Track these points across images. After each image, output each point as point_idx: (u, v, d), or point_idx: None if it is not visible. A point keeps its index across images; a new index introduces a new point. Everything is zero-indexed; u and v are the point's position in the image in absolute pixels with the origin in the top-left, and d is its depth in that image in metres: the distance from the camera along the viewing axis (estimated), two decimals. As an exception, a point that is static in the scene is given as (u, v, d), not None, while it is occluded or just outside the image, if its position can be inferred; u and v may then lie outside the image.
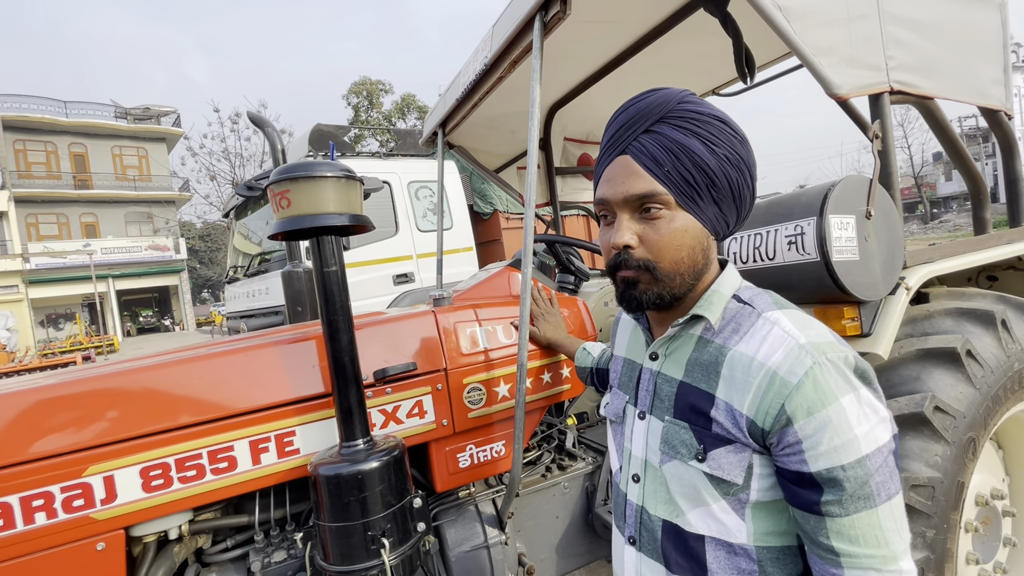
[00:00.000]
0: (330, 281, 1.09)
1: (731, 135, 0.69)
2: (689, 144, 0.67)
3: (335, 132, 5.40)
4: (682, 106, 0.68)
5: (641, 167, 0.68)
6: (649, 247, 0.69)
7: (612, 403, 0.89)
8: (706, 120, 0.68)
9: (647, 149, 0.68)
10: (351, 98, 24.21)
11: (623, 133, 0.70)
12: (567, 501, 1.73)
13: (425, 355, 1.36)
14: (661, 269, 0.69)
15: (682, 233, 0.69)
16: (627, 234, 0.69)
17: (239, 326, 5.52)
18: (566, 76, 2.40)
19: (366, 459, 1.08)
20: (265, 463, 1.17)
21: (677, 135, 0.67)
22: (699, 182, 0.67)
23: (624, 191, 0.69)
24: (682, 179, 0.67)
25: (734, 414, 0.65)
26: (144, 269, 25.19)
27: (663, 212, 0.68)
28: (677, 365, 0.75)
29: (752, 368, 0.65)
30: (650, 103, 0.69)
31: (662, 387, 0.76)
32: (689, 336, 0.74)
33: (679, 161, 0.67)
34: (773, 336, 0.65)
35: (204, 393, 1.14)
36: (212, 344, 1.39)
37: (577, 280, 1.92)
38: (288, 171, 1.03)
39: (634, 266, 0.70)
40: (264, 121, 1.85)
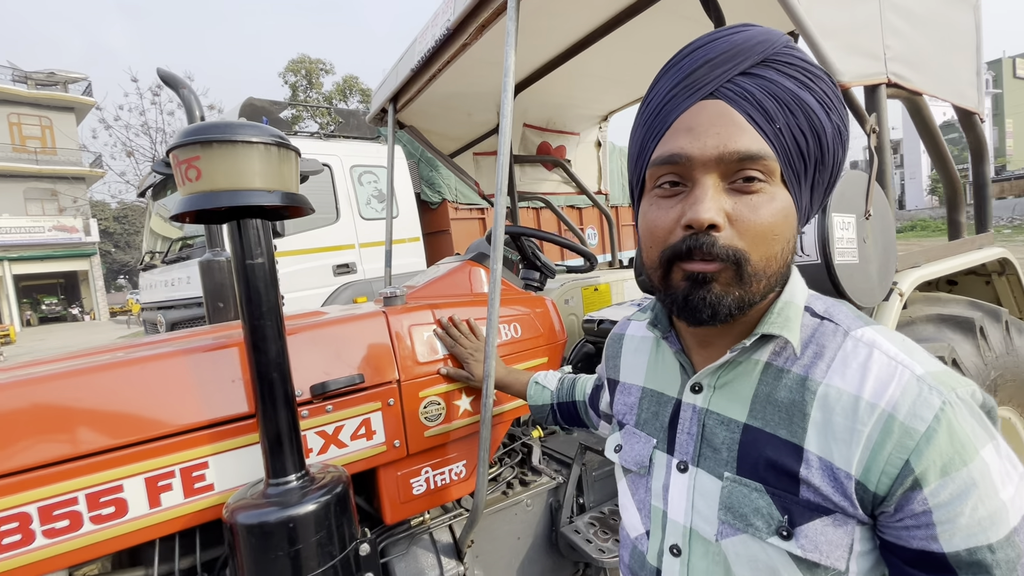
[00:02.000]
0: (254, 277, 0.86)
1: (842, 103, 0.52)
2: (806, 99, 0.49)
3: (269, 107, 4.95)
4: (789, 51, 0.51)
5: (745, 118, 0.49)
6: (742, 231, 0.50)
7: (629, 447, 0.69)
8: (818, 75, 0.51)
9: (753, 95, 0.49)
10: (288, 76, 22.83)
11: (709, 71, 0.50)
12: (530, 520, 1.57)
13: (374, 365, 1.15)
14: (752, 265, 0.50)
15: (783, 218, 0.51)
16: (713, 206, 0.49)
17: (156, 318, 4.98)
18: (528, 57, 2.22)
19: (300, 501, 0.86)
20: (167, 505, 0.92)
21: (791, 84, 0.49)
22: (811, 151, 0.51)
23: (721, 146, 0.49)
24: (794, 144, 0.50)
25: (835, 474, 0.49)
26: (48, 252, 22.72)
27: (764, 186, 0.50)
28: (735, 401, 0.57)
29: (859, 411, 0.48)
30: (748, 39, 0.50)
31: (715, 431, 0.58)
32: (752, 362, 0.57)
33: (795, 118, 0.49)
34: (877, 365, 0.49)
35: (81, 418, 0.87)
36: (98, 350, 1.11)
37: (543, 277, 1.76)
38: (198, 132, 0.79)
39: (720, 256, 0.50)
40: (178, 80, 1.54)
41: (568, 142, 2.97)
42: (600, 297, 2.59)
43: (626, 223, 8.85)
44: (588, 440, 1.80)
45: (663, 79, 0.54)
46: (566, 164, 2.96)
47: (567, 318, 2.46)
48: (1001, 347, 1.41)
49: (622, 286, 2.71)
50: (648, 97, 0.56)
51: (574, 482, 1.61)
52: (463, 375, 1.23)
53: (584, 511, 1.66)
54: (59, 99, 23.80)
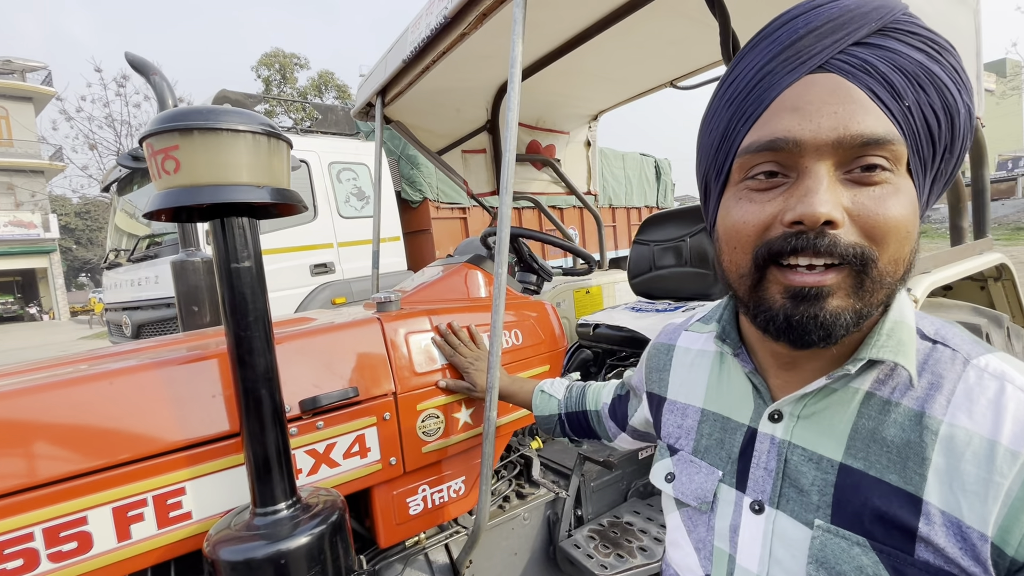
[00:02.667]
0: (240, 282, 0.76)
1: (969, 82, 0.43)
2: (940, 75, 0.41)
3: (244, 100, 4.77)
4: (909, 19, 0.43)
5: (867, 94, 0.41)
6: (867, 229, 0.42)
7: (687, 478, 0.60)
8: (945, 47, 0.42)
9: (876, 68, 0.41)
10: (261, 70, 22.25)
11: (816, 41, 0.42)
12: (527, 534, 1.50)
13: (369, 376, 1.06)
14: (878, 269, 0.42)
15: (911, 213, 0.43)
16: (831, 199, 0.41)
17: (121, 319, 4.74)
18: (521, 52, 2.15)
19: (292, 532, 0.77)
20: (137, 537, 0.82)
21: (920, 57, 0.41)
22: (942, 135, 0.42)
23: (840, 127, 0.41)
24: (925, 125, 0.42)
25: (965, 533, 0.41)
26: (3, 248, 21.66)
27: (888, 176, 0.42)
28: (827, 435, 0.48)
29: (997, 459, 0.40)
30: (860, 3, 0.42)
31: (801, 468, 0.49)
32: (850, 391, 0.48)
33: (926, 95, 0.41)
34: (1015, 402, 0.42)
35: (37, 443, 0.77)
36: (59, 362, 0.99)
37: (539, 280, 1.69)
38: (177, 118, 0.69)
39: (843, 256, 0.42)
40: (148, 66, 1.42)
41: (558, 141, 2.91)
42: (592, 300, 2.54)
43: (607, 224, 8.87)
44: (586, 450, 1.74)
45: (752, 52, 0.46)
46: (556, 163, 2.90)
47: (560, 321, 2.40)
48: (1004, 353, 1.40)
49: (613, 288, 2.66)
50: (732, 75, 0.48)
51: (573, 494, 1.55)
52: (463, 386, 1.15)
53: (583, 524, 1.60)
54: (16, 88, 22.68)
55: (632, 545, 1.46)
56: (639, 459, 1.74)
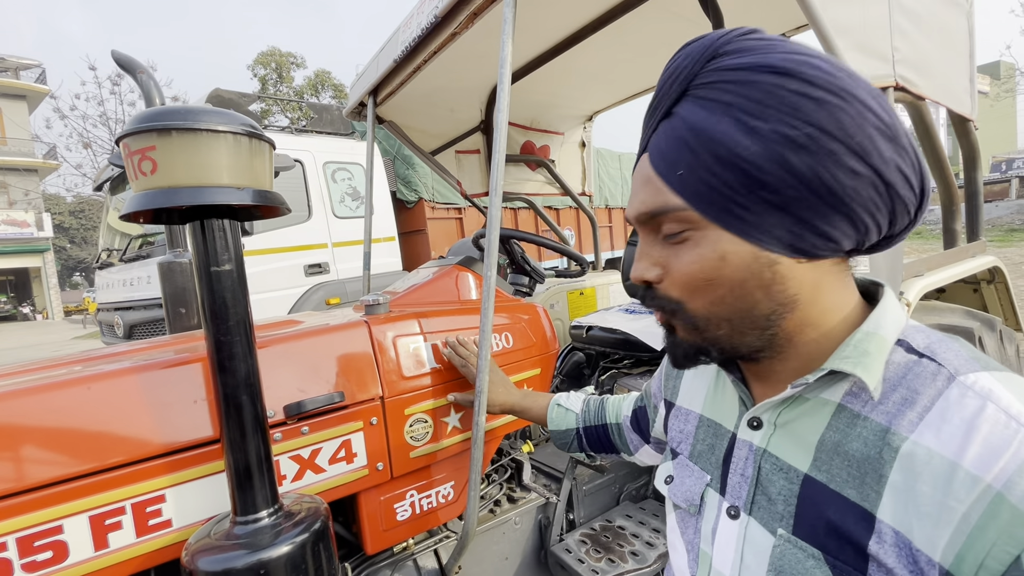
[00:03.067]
0: (221, 286, 0.75)
1: (797, 95, 0.40)
2: (711, 129, 0.42)
3: (238, 100, 4.73)
4: (715, 64, 0.43)
5: (654, 170, 0.47)
6: (672, 281, 0.49)
7: (680, 481, 0.62)
8: (750, 81, 0.41)
9: (659, 146, 0.47)
10: (257, 69, 22.16)
11: (646, 121, 0.50)
12: (518, 538, 1.49)
13: (356, 380, 1.04)
14: (692, 312, 0.49)
15: (715, 262, 0.46)
16: (644, 264, 0.51)
17: (113, 319, 4.70)
18: (514, 53, 2.13)
19: (273, 541, 0.75)
20: (116, 546, 0.80)
21: (696, 117, 0.43)
22: (732, 184, 0.43)
23: (633, 207, 0.51)
24: (703, 184, 0.44)
25: (914, 556, 0.39)
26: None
27: (690, 234, 0.47)
28: (798, 446, 0.49)
29: (955, 482, 0.38)
30: (677, 64, 0.46)
31: (771, 477, 0.50)
32: (820, 402, 0.48)
33: (697, 158, 0.44)
34: (990, 424, 0.38)
35: (11, 449, 0.75)
36: (37, 366, 0.97)
37: (532, 282, 1.68)
38: (154, 118, 0.67)
39: (658, 307, 0.51)
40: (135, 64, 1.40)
41: (552, 142, 2.89)
42: (586, 301, 2.53)
43: (602, 224, 8.86)
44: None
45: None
46: (550, 164, 2.89)
47: (553, 323, 2.38)
48: (997, 357, 1.39)
49: (608, 290, 2.65)
50: None
51: (564, 498, 1.54)
52: (468, 401, 1.14)
53: (574, 528, 1.59)
54: (9, 86, 22.52)
55: (624, 550, 1.45)
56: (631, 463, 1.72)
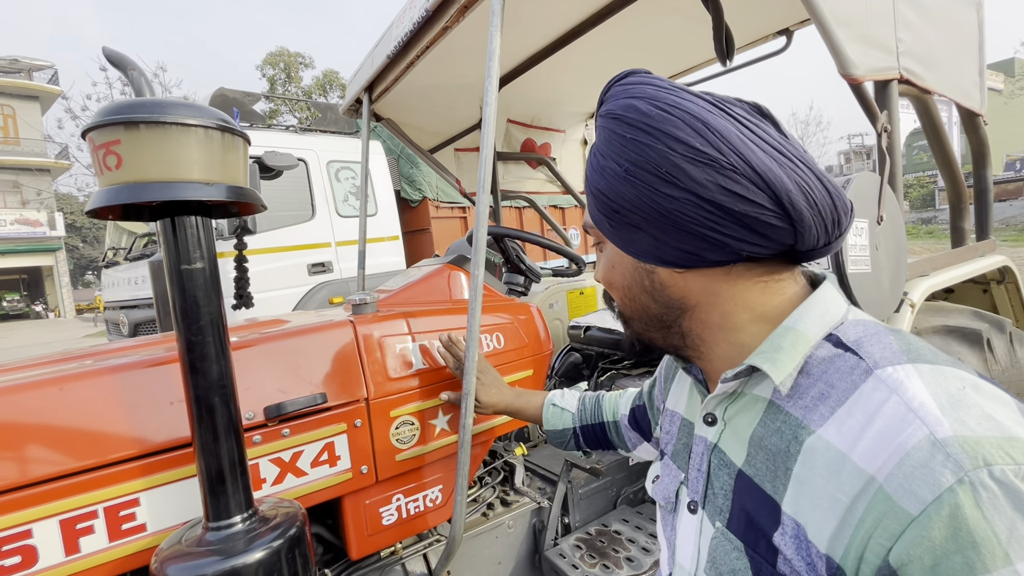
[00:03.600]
0: (192, 285, 0.73)
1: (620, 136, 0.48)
2: (591, 159, 0.53)
3: (242, 99, 4.74)
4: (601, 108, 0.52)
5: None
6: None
7: (662, 480, 0.64)
8: (601, 127, 0.51)
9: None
10: (266, 69, 22.28)
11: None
12: (511, 542, 1.46)
13: (340, 381, 1.02)
14: (617, 306, 0.60)
15: (609, 270, 0.58)
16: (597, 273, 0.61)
17: (118, 318, 4.73)
18: (512, 50, 2.10)
19: (245, 548, 0.73)
20: (87, 551, 0.78)
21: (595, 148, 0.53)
22: (601, 208, 0.52)
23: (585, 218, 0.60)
24: (591, 207, 0.55)
25: (808, 548, 0.40)
26: (9, 246, 21.79)
27: (602, 245, 0.59)
28: (738, 439, 0.50)
29: (843, 474, 0.38)
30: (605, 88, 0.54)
31: (718, 472, 0.52)
32: (752, 398, 0.49)
33: (586, 186, 0.54)
34: (886, 416, 0.37)
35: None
36: (13, 366, 0.95)
37: (527, 281, 1.65)
38: (120, 111, 0.65)
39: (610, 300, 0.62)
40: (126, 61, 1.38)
41: (553, 139, 2.86)
42: (586, 301, 2.49)
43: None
44: (574, 456, 1.69)
45: None
46: (551, 162, 2.86)
47: (552, 323, 2.35)
48: (1006, 359, 1.34)
49: (608, 290, 2.62)
50: None
51: (559, 502, 1.51)
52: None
53: (569, 532, 1.56)
54: (23, 87, 22.81)
55: (619, 555, 1.41)
56: (629, 466, 1.69)
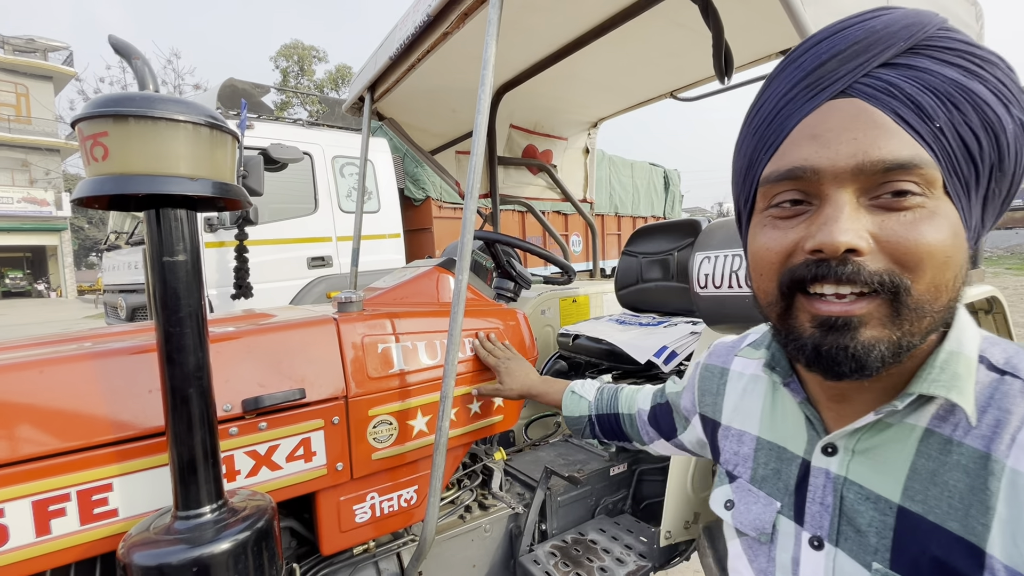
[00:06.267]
0: (173, 276, 0.74)
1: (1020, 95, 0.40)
2: (978, 91, 0.39)
3: (251, 90, 4.77)
4: (946, 33, 0.41)
5: (892, 117, 0.40)
6: (897, 254, 0.40)
7: (745, 507, 0.58)
8: (989, 59, 0.40)
9: (902, 90, 0.40)
10: (280, 61, 22.40)
11: (839, 65, 0.41)
12: (487, 546, 1.47)
13: (319, 378, 1.03)
14: (913, 297, 0.40)
15: (951, 237, 0.40)
16: (854, 227, 0.40)
17: (117, 301, 4.75)
18: (516, 56, 2.12)
19: (213, 538, 0.74)
20: (58, 532, 0.80)
21: (955, 74, 0.39)
22: (985, 155, 0.40)
23: (860, 154, 0.40)
24: (962, 146, 0.39)
25: None
26: (15, 224, 21.89)
27: (922, 200, 0.40)
28: (884, 474, 0.45)
29: None
30: (889, 23, 0.41)
31: (856, 507, 0.47)
32: (906, 427, 0.45)
33: (961, 115, 0.39)
34: None
35: (-44, 430, 0.75)
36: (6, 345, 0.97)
37: (517, 287, 1.66)
38: (109, 103, 0.67)
39: (870, 284, 0.40)
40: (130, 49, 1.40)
41: (555, 147, 2.88)
42: (578, 309, 2.50)
43: (610, 232, 8.82)
44: (554, 463, 1.70)
45: (778, 79, 0.46)
46: (551, 169, 2.87)
47: (543, 329, 2.36)
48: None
49: (601, 299, 2.63)
50: (758, 102, 0.47)
51: (537, 508, 1.51)
52: (491, 388, 1.23)
53: (546, 538, 1.57)
54: (37, 67, 22.95)
55: (593, 565, 1.42)
56: (609, 476, 1.70)
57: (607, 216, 8.67)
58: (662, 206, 9.99)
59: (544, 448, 1.90)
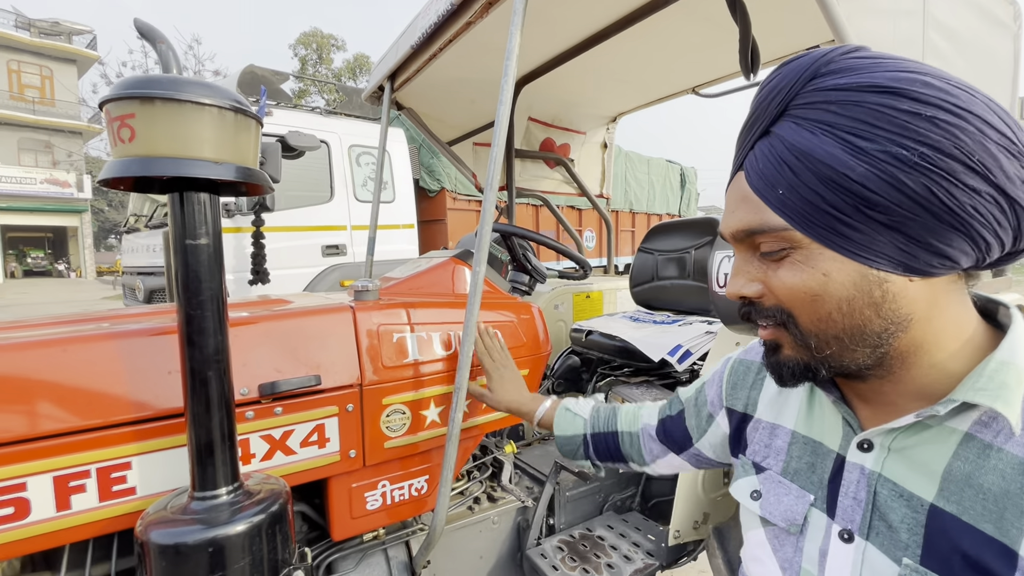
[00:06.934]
0: (195, 260, 0.74)
1: (908, 114, 0.39)
2: (814, 150, 0.43)
3: (270, 77, 4.79)
4: (816, 83, 0.43)
5: (752, 189, 0.48)
6: (777, 296, 0.49)
7: (775, 498, 0.60)
8: (855, 101, 0.41)
9: (757, 162, 0.47)
10: (298, 49, 22.49)
11: (741, 139, 0.50)
12: (495, 538, 1.47)
13: (334, 365, 1.04)
14: (801, 326, 0.48)
15: (821, 280, 0.45)
16: (742, 280, 0.51)
17: (135, 283, 4.82)
18: (537, 48, 2.10)
19: (228, 519, 0.75)
20: (78, 508, 0.81)
21: (798, 137, 0.43)
22: (837, 205, 0.43)
23: (733, 225, 0.50)
24: (806, 204, 0.44)
25: None
26: (37, 204, 22.29)
27: (787, 252, 0.47)
28: (919, 473, 0.47)
29: None
30: (776, 83, 0.46)
31: (891, 504, 0.49)
32: (945, 430, 0.47)
33: (798, 178, 0.44)
34: None
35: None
36: (19, 324, 0.98)
37: (532, 281, 1.65)
38: (137, 85, 0.67)
39: (768, 317, 0.50)
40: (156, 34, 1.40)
41: (573, 140, 2.86)
42: (592, 305, 2.49)
43: (624, 229, 8.76)
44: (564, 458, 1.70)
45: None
46: (568, 163, 2.85)
47: (555, 324, 2.36)
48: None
49: (615, 295, 2.61)
50: None
51: (545, 502, 1.51)
52: (476, 390, 1.15)
53: (554, 533, 1.57)
54: (62, 50, 23.27)
55: (600, 561, 1.42)
56: (619, 473, 1.69)
57: (621, 212, 8.60)
58: (677, 204, 9.89)
59: (554, 443, 1.90)
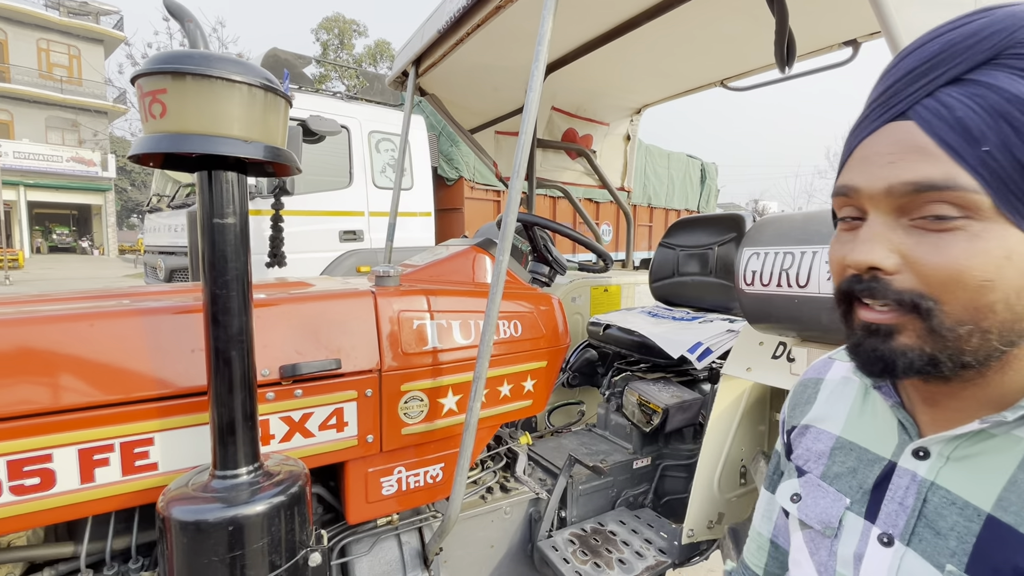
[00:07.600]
0: (222, 239, 0.74)
1: None
2: None
3: (294, 61, 4.80)
4: None
5: (934, 140, 0.39)
6: (923, 274, 0.41)
7: (812, 501, 0.58)
8: None
9: (952, 111, 0.39)
10: (320, 33, 22.53)
11: (907, 86, 0.41)
12: (506, 528, 1.47)
13: (355, 350, 1.03)
14: (945, 314, 0.40)
15: (999, 263, 0.39)
16: (879, 248, 0.42)
17: (156, 262, 4.90)
18: (562, 36, 2.06)
19: (248, 499, 0.75)
20: (101, 481, 0.82)
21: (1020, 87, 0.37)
22: None
23: (892, 176, 0.41)
24: (1019, 170, 0.37)
25: None
26: (63, 182, 22.73)
27: (963, 223, 0.39)
28: (978, 482, 0.45)
29: None
30: (977, 30, 0.39)
31: (942, 512, 0.47)
32: (1012, 439, 0.44)
33: (1018, 137, 0.37)
34: None
35: (10, 375, 0.77)
36: (48, 298, 1.00)
37: (552, 272, 1.63)
38: (169, 60, 0.67)
39: (894, 300, 0.42)
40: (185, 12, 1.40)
41: (596, 131, 2.81)
42: (610, 299, 2.47)
43: (641, 223, 8.67)
44: (578, 452, 1.69)
45: (872, 93, 0.46)
46: (591, 154, 2.81)
47: (572, 317, 2.34)
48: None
49: (633, 290, 2.58)
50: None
51: (558, 494, 1.51)
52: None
53: (565, 526, 1.56)
54: (89, 30, 23.59)
55: (611, 556, 1.41)
56: (632, 468, 1.68)
57: (639, 207, 8.51)
58: (696, 199, 9.76)
59: (567, 436, 1.89)
